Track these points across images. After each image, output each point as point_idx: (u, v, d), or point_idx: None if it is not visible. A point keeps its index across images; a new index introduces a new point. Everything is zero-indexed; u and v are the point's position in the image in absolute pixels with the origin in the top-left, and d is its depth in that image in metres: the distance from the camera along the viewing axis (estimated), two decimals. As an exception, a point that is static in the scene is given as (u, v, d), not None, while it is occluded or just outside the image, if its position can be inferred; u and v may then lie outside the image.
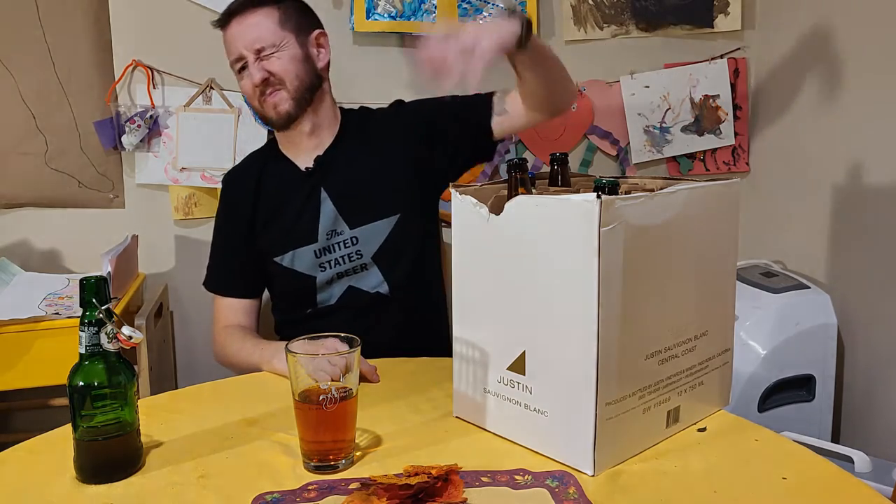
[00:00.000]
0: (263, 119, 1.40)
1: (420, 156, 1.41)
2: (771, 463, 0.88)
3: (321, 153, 1.40)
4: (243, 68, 1.35)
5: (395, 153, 1.41)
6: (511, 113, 1.38)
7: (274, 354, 1.21)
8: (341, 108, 1.46)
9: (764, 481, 0.84)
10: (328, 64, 1.42)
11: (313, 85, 1.38)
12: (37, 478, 0.87)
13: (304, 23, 1.39)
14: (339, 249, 1.37)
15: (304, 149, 1.41)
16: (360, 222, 1.37)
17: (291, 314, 1.45)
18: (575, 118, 2.08)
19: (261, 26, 1.33)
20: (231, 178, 1.50)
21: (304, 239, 1.38)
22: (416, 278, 1.41)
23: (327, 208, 1.38)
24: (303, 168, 1.41)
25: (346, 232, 1.37)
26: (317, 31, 1.41)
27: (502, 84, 1.41)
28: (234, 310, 1.42)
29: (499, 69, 2.05)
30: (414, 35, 1.95)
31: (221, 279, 1.45)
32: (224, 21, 1.35)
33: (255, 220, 1.42)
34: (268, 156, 1.47)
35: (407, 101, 1.51)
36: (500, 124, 1.39)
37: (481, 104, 1.40)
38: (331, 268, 1.38)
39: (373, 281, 1.38)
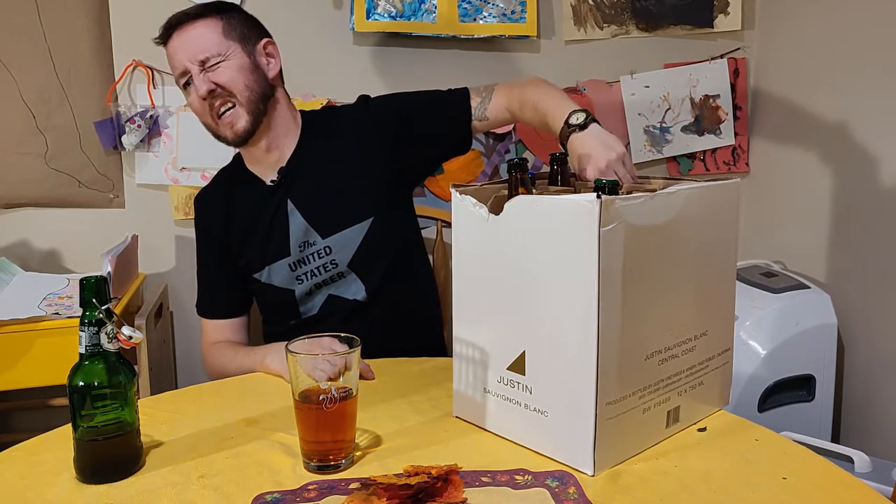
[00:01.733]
0: (217, 137, 1.33)
1: (391, 154, 1.36)
2: (771, 463, 0.88)
3: (284, 164, 1.35)
4: (189, 83, 1.28)
5: (364, 153, 1.36)
6: (492, 120, 1.35)
7: (266, 355, 1.21)
8: (302, 112, 1.41)
9: (764, 481, 0.84)
10: (280, 73, 1.37)
11: (265, 94, 1.31)
12: (37, 478, 0.87)
13: (249, 32, 1.32)
14: (314, 260, 1.34)
15: (266, 162, 1.36)
16: (331, 231, 1.33)
17: (278, 326, 1.43)
18: (575, 118, 2.08)
19: (203, 37, 1.26)
20: (201, 201, 1.45)
21: (277, 254, 1.35)
22: (397, 280, 1.37)
23: (296, 220, 1.34)
24: (268, 182, 1.36)
25: (319, 242, 1.33)
26: (265, 40, 1.34)
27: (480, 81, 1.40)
28: (221, 329, 1.41)
29: (483, 72, 2.04)
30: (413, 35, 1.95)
31: (208, 303, 1.43)
32: (165, 35, 1.29)
33: (230, 242, 1.39)
34: (234, 173, 1.42)
35: (373, 96, 1.44)
36: (476, 129, 1.37)
37: (459, 105, 1.36)
38: (308, 279, 1.34)
39: (352, 288, 1.35)
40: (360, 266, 1.34)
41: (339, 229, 1.33)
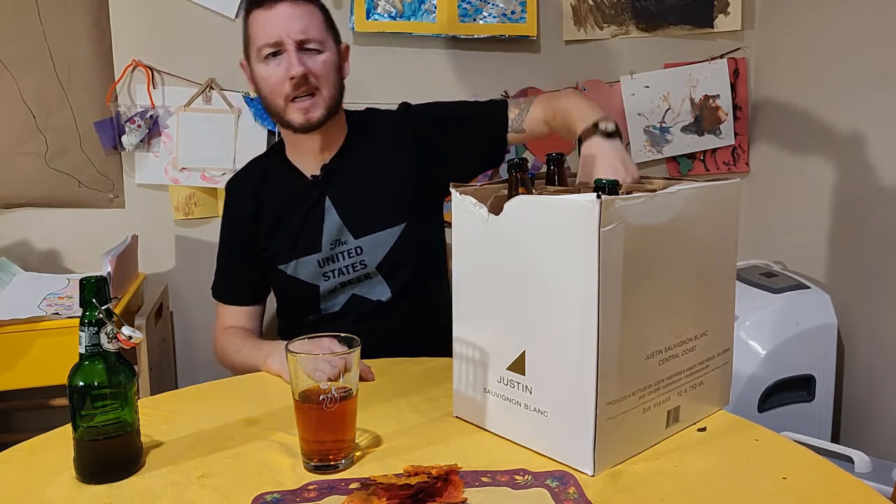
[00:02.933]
0: (278, 119, 1.32)
1: (427, 162, 1.37)
2: (771, 463, 0.88)
3: (328, 161, 1.36)
4: (276, 54, 1.26)
5: (401, 159, 1.37)
6: (528, 131, 1.37)
7: (270, 354, 1.21)
8: (346, 111, 1.42)
9: (764, 481, 0.84)
10: None
11: (341, 95, 1.34)
12: (37, 478, 0.87)
13: (336, 32, 1.36)
14: (343, 259, 1.34)
15: (312, 156, 1.36)
16: (365, 232, 1.34)
17: (295, 320, 1.43)
18: (575, 118, 2.08)
19: (309, 20, 1.26)
20: (233, 186, 1.46)
21: (307, 248, 1.35)
22: (419, 283, 1.39)
23: (332, 218, 1.34)
24: (308, 175, 1.37)
25: (351, 241, 1.34)
26: (345, 43, 1.38)
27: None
28: (235, 315, 1.41)
29: (483, 72, 2.04)
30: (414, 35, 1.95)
31: (223, 287, 1.44)
32: (269, 1, 1.25)
33: (258, 230, 1.39)
34: (271, 162, 1.43)
35: (414, 103, 1.46)
36: (511, 140, 1.39)
37: (497, 116, 1.37)
38: (334, 277, 1.35)
39: (377, 290, 1.36)
40: (389, 269, 1.35)
41: (371, 231, 1.34)
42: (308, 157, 1.37)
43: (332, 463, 0.87)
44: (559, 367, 0.86)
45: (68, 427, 0.88)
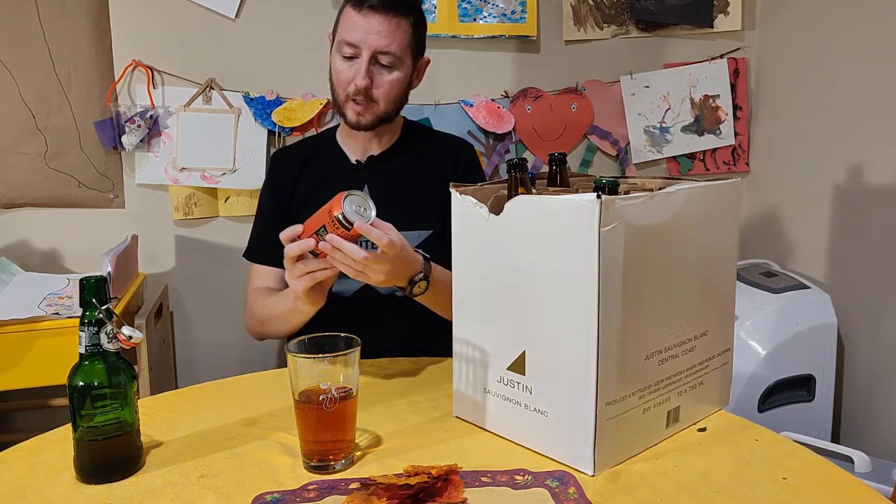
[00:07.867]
0: (337, 108, 1.37)
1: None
2: (771, 463, 0.88)
3: (375, 153, 1.42)
4: (352, 57, 1.31)
5: (438, 181, 1.42)
6: None
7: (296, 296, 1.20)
8: (403, 118, 1.47)
9: (764, 481, 0.84)
10: None
11: (400, 109, 1.39)
12: (37, 478, 0.87)
13: (420, 48, 1.38)
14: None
15: (361, 145, 1.43)
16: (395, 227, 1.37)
17: None
18: (575, 118, 2.08)
19: (394, 36, 1.29)
20: (279, 155, 1.52)
21: None
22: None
23: None
24: (353, 160, 1.43)
25: None
26: (425, 58, 1.40)
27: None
28: (265, 276, 1.44)
29: (483, 72, 2.04)
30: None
31: (258, 248, 1.47)
32: (368, 5, 1.28)
33: (294, 200, 1.43)
34: (319, 141, 1.50)
35: (475, 150, 1.52)
36: None
37: None
38: None
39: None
40: None
41: (400, 229, 1.35)
42: (356, 146, 1.44)
43: (332, 463, 0.87)
44: (559, 367, 0.86)
45: (68, 427, 0.88)
